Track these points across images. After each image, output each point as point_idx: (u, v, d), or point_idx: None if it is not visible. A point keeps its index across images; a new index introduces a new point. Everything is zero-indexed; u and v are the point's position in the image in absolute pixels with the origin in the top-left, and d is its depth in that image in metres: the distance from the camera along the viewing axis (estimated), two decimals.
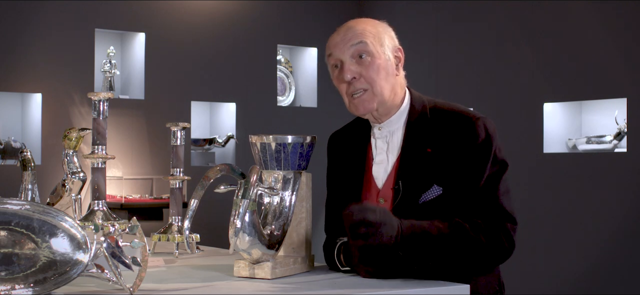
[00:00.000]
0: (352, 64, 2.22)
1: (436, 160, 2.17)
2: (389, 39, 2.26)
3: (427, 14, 5.91)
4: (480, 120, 2.19)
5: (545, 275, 5.20)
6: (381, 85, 2.22)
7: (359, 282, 1.96)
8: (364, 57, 2.22)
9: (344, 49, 2.23)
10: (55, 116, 5.60)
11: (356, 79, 2.22)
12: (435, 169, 2.16)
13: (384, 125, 2.28)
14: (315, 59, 6.70)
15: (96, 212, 2.30)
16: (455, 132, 2.18)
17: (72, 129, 2.70)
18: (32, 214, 1.66)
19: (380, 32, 2.26)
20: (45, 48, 5.61)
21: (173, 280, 1.98)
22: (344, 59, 2.23)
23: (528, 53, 5.45)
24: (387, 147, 2.27)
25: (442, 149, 2.18)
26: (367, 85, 2.22)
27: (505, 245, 2.13)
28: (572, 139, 5.24)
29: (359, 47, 2.22)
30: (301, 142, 2.09)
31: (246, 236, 1.91)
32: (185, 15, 6.11)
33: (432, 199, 2.15)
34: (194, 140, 6.23)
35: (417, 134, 2.23)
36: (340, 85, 2.26)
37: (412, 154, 2.21)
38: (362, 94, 2.22)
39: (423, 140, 2.21)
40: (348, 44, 2.22)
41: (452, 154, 2.17)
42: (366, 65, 2.22)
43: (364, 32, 2.23)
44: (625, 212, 4.89)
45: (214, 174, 1.97)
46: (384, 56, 2.23)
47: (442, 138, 2.19)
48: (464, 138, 2.17)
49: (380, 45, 2.24)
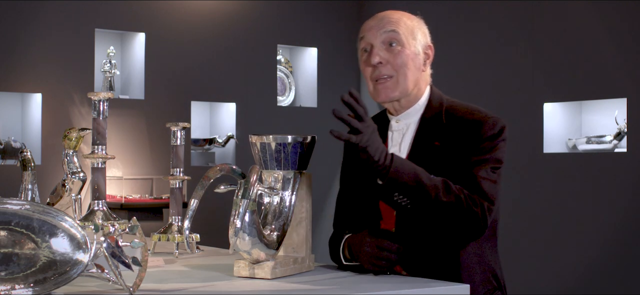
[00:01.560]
0: (381, 50, 2.28)
1: (443, 153, 2.22)
2: (421, 35, 2.33)
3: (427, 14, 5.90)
4: (491, 119, 2.24)
5: (545, 275, 5.20)
6: (406, 75, 2.27)
7: (359, 282, 1.97)
8: (394, 45, 2.27)
9: (377, 34, 2.29)
10: (55, 116, 5.60)
11: (383, 64, 2.27)
12: (439, 160, 2.21)
13: (401, 117, 2.32)
14: (315, 59, 6.70)
15: (96, 212, 2.30)
16: (464, 128, 2.23)
17: (72, 129, 2.70)
18: (32, 214, 1.66)
19: (415, 26, 2.33)
20: (45, 48, 5.61)
21: (173, 280, 1.98)
22: (374, 44, 2.29)
23: (528, 53, 5.45)
24: (401, 139, 2.31)
25: (450, 143, 2.23)
26: (392, 73, 2.27)
27: (479, 215, 2.14)
28: (572, 139, 5.24)
29: (390, 35, 2.28)
30: (301, 142, 2.09)
31: (246, 236, 1.91)
32: (185, 15, 6.11)
33: None
34: (194, 140, 6.23)
35: (430, 129, 2.27)
36: (366, 69, 2.31)
37: (421, 147, 2.26)
38: (386, 81, 2.27)
39: (434, 135, 2.25)
40: (381, 30, 2.29)
41: (458, 148, 2.21)
42: (395, 54, 2.27)
43: (399, 21, 2.30)
44: (625, 212, 4.89)
45: (214, 174, 1.97)
46: (414, 49, 2.29)
47: (452, 134, 2.24)
48: (472, 133, 2.22)
49: (412, 38, 2.30)
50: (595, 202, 5.02)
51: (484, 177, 2.18)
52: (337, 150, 2.49)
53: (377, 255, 2.13)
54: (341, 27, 6.81)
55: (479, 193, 2.16)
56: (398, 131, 2.32)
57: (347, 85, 6.85)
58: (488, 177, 2.19)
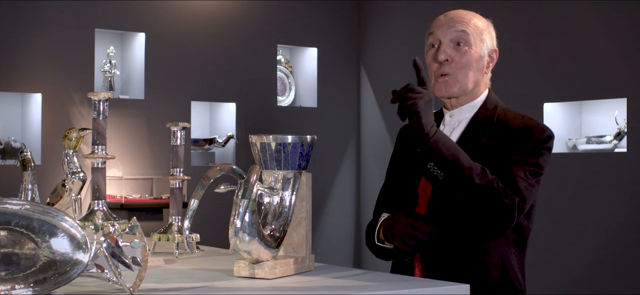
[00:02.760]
0: (448, 47, 2.34)
1: (487, 151, 2.27)
2: (489, 39, 2.40)
3: (427, 14, 5.90)
4: (539, 126, 2.29)
5: (545, 275, 5.20)
6: (467, 75, 2.33)
7: (359, 282, 1.96)
8: (462, 45, 2.33)
9: (447, 31, 2.35)
10: (55, 116, 5.60)
11: (448, 61, 2.33)
12: (483, 157, 2.25)
13: (454, 113, 2.38)
14: (315, 59, 6.70)
15: (96, 212, 2.30)
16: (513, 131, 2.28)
17: (72, 129, 2.70)
18: (32, 214, 1.66)
19: (484, 29, 2.39)
20: (45, 48, 5.61)
21: (173, 280, 1.98)
22: (443, 40, 2.35)
23: (528, 53, 5.45)
24: (451, 133, 2.36)
25: (497, 143, 2.28)
26: (455, 71, 2.33)
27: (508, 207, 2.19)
28: (572, 139, 5.24)
29: (459, 35, 2.34)
30: (301, 142, 2.09)
31: (246, 236, 1.91)
32: (185, 15, 6.11)
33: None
34: (194, 140, 6.23)
35: (480, 127, 2.33)
36: (432, 64, 2.37)
37: (468, 141, 2.31)
38: (447, 78, 2.33)
39: (482, 133, 2.31)
40: (451, 28, 2.34)
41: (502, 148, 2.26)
42: (461, 53, 2.33)
43: (469, 22, 2.36)
44: (625, 212, 4.89)
45: (214, 174, 1.97)
46: (480, 51, 2.35)
47: (500, 135, 2.29)
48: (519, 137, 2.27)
49: (480, 40, 2.36)
50: (595, 202, 5.02)
51: (521, 176, 2.23)
52: (337, 150, 2.51)
53: (409, 233, 2.22)
54: (341, 27, 6.81)
55: (513, 189, 2.21)
56: (449, 125, 2.38)
57: (347, 85, 6.85)
58: (525, 178, 2.24)
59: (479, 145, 2.28)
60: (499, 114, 2.34)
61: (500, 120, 2.33)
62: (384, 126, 6.52)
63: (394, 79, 6.62)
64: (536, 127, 2.28)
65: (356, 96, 6.90)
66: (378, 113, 6.70)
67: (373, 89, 6.79)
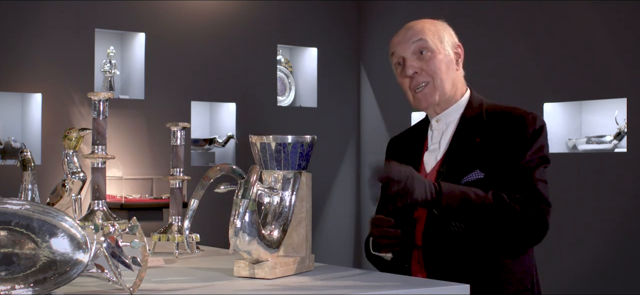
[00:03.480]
0: (413, 60, 2.35)
1: (483, 149, 2.27)
2: (448, 36, 2.40)
3: (427, 14, 5.90)
4: (531, 115, 2.30)
5: (545, 275, 5.19)
6: (442, 78, 2.34)
7: (359, 282, 1.97)
8: (425, 53, 2.34)
9: (405, 46, 2.36)
10: (55, 116, 5.60)
11: (418, 73, 2.34)
12: (480, 156, 2.26)
13: (441, 117, 2.38)
14: (315, 59, 6.70)
15: (96, 212, 2.30)
16: (506, 126, 2.29)
17: (72, 129, 2.70)
18: (32, 214, 1.66)
19: (439, 30, 2.39)
20: (45, 48, 5.61)
21: (173, 280, 1.98)
22: (405, 56, 2.36)
23: (528, 53, 5.45)
24: (441, 137, 2.37)
25: (491, 139, 2.28)
26: (428, 79, 2.33)
27: (539, 221, 2.20)
28: (572, 139, 5.24)
29: (419, 44, 2.35)
30: (301, 142, 2.09)
31: (246, 236, 1.91)
32: (185, 15, 6.11)
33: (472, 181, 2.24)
34: (194, 140, 6.23)
35: (470, 126, 2.33)
36: (403, 81, 2.38)
37: (461, 142, 2.32)
38: (424, 88, 2.34)
39: (474, 132, 2.31)
40: (409, 42, 2.36)
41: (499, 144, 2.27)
42: (427, 60, 2.34)
43: (423, 29, 2.37)
44: (625, 212, 4.89)
45: (214, 174, 1.97)
46: (444, 51, 2.36)
47: (493, 130, 2.29)
48: (514, 129, 2.27)
49: (439, 42, 2.36)
50: (595, 202, 5.02)
51: (539, 178, 2.24)
52: (337, 150, 2.50)
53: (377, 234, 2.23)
54: (341, 27, 6.81)
55: (536, 196, 2.22)
56: (438, 130, 2.38)
57: (347, 85, 6.85)
58: (541, 177, 2.25)
59: (473, 145, 2.29)
60: (487, 110, 2.35)
61: (489, 114, 2.33)
62: (384, 126, 6.53)
63: (394, 79, 6.62)
64: (528, 116, 2.29)
65: (356, 96, 6.90)
66: (378, 113, 6.70)
67: (373, 89, 6.79)
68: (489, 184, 2.23)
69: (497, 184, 2.22)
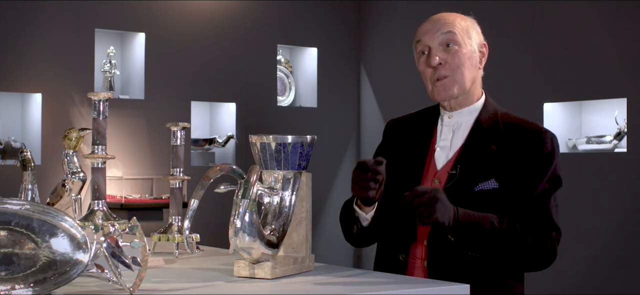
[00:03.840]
0: (439, 51, 2.34)
1: (499, 158, 2.28)
2: (476, 34, 2.40)
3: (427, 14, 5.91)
4: (548, 134, 2.31)
5: (545, 274, 5.19)
6: (464, 73, 2.33)
7: (359, 282, 1.97)
8: (451, 45, 2.34)
9: (434, 36, 2.35)
10: (55, 116, 5.60)
11: (442, 65, 2.33)
12: (496, 165, 2.27)
13: (454, 114, 2.38)
14: (315, 59, 6.70)
15: (96, 212, 2.30)
16: (523, 138, 2.29)
17: (72, 129, 2.70)
18: (32, 214, 1.66)
19: (469, 26, 2.40)
20: (45, 48, 5.61)
21: (173, 280, 1.98)
22: (432, 46, 2.35)
23: (528, 53, 5.45)
24: (452, 135, 2.36)
25: (507, 150, 2.28)
26: (450, 72, 2.33)
27: (549, 252, 2.25)
28: (572, 139, 5.24)
29: (447, 36, 2.34)
30: (301, 142, 2.09)
31: (246, 236, 1.91)
32: (185, 15, 6.11)
33: (486, 190, 2.25)
34: (194, 140, 6.23)
35: (486, 131, 2.33)
36: (426, 70, 2.36)
37: (476, 146, 2.31)
38: (445, 79, 2.33)
39: (490, 139, 2.31)
40: (438, 32, 2.35)
41: (516, 157, 2.27)
42: (452, 54, 2.33)
43: (454, 23, 2.37)
44: (625, 212, 4.89)
45: (214, 174, 1.97)
46: (470, 48, 2.36)
47: (510, 140, 2.30)
48: (531, 146, 2.28)
49: (467, 37, 2.36)
50: (595, 202, 5.02)
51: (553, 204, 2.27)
52: (337, 150, 2.50)
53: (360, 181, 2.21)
54: (341, 27, 6.82)
55: (550, 224, 2.26)
56: (448, 127, 2.37)
57: (347, 85, 6.85)
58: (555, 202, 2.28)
59: (488, 151, 2.29)
60: (502, 118, 2.35)
61: (505, 124, 2.34)
62: (384, 126, 6.52)
63: (393, 79, 6.62)
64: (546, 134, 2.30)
65: (356, 96, 6.90)
66: (378, 113, 6.70)
67: (373, 89, 6.79)
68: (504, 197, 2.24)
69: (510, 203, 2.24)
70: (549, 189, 2.27)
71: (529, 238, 2.21)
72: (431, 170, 2.35)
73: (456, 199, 2.23)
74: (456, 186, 2.27)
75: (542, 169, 2.26)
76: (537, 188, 2.25)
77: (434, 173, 2.34)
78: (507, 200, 2.24)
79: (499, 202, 2.24)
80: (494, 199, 2.24)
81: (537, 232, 2.23)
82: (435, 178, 2.33)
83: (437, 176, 2.32)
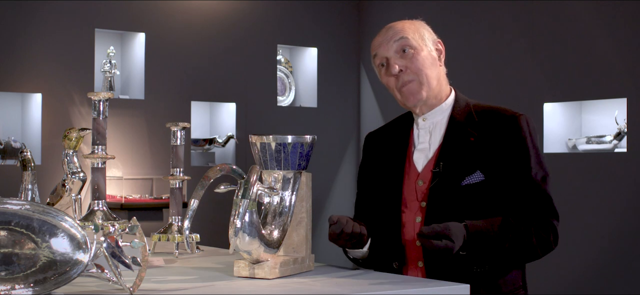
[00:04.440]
0: (396, 59, 2.34)
1: (480, 149, 2.28)
2: (428, 33, 2.40)
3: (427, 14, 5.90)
4: (523, 116, 2.31)
5: (545, 275, 5.20)
6: (427, 74, 2.33)
7: (359, 282, 1.97)
8: (407, 50, 2.34)
9: (388, 46, 2.36)
10: (55, 116, 5.60)
11: (403, 71, 2.33)
12: (478, 156, 2.27)
13: (428, 116, 2.37)
14: (315, 59, 6.70)
15: (96, 212, 2.30)
16: (499, 126, 2.30)
17: (72, 129, 2.70)
18: (32, 214, 1.66)
19: (419, 27, 2.39)
20: (45, 48, 5.61)
21: (173, 280, 1.98)
22: (389, 56, 2.35)
23: (528, 53, 5.45)
24: (429, 137, 2.36)
25: (486, 139, 2.28)
26: (413, 76, 2.33)
27: (552, 244, 2.27)
28: (572, 139, 5.24)
29: (401, 42, 2.34)
30: (301, 142, 2.09)
31: (246, 236, 1.91)
32: (185, 15, 6.11)
33: (474, 184, 2.25)
34: (194, 140, 6.23)
35: (462, 125, 2.33)
36: (389, 80, 2.36)
37: (454, 141, 2.31)
38: (411, 84, 2.33)
39: (466, 131, 2.31)
40: (391, 41, 2.35)
41: (495, 145, 2.27)
42: (410, 58, 2.33)
43: (404, 28, 2.37)
44: (625, 212, 4.89)
45: (214, 174, 1.97)
46: (426, 48, 2.36)
47: (486, 130, 2.30)
48: (508, 131, 2.28)
49: (420, 39, 2.36)
50: (595, 202, 5.02)
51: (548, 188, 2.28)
52: (337, 150, 2.50)
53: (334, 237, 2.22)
54: (341, 27, 6.82)
55: (550, 211, 2.27)
56: (425, 129, 2.37)
57: (347, 85, 6.85)
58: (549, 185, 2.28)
59: (468, 144, 2.28)
60: (475, 109, 2.35)
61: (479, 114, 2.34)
62: None
63: None
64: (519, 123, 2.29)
65: (356, 96, 6.91)
66: (378, 113, 6.70)
67: (373, 89, 6.79)
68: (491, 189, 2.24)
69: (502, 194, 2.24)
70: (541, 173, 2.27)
71: (534, 239, 2.22)
72: (412, 173, 2.33)
73: (444, 196, 2.24)
74: (442, 183, 2.26)
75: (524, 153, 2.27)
76: (529, 173, 2.25)
77: (416, 175, 2.33)
78: (495, 192, 2.24)
79: (487, 194, 2.24)
80: (481, 192, 2.24)
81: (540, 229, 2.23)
82: (419, 179, 2.32)
83: (420, 178, 2.31)
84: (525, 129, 2.28)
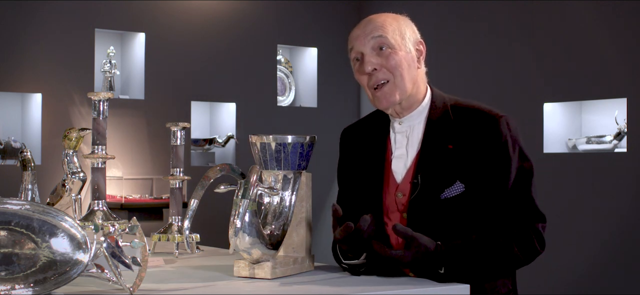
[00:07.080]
0: (372, 56, 2.22)
1: (458, 157, 2.17)
2: (410, 32, 2.28)
3: (427, 14, 5.91)
4: (503, 119, 2.19)
5: (545, 275, 5.20)
6: (402, 76, 2.21)
7: (359, 282, 1.97)
8: (384, 49, 2.22)
9: (365, 41, 2.24)
10: (55, 116, 5.60)
11: (377, 70, 2.21)
12: (457, 165, 2.16)
13: (404, 119, 2.27)
14: (315, 59, 6.70)
15: (96, 212, 2.31)
16: (477, 130, 2.18)
17: (72, 129, 2.70)
18: (32, 214, 1.66)
19: (401, 25, 2.27)
20: (45, 48, 5.61)
21: (173, 280, 1.98)
22: (364, 51, 2.24)
23: (528, 53, 5.45)
24: (407, 141, 2.26)
25: (464, 146, 2.17)
26: (388, 76, 2.21)
27: (538, 248, 2.19)
28: (572, 139, 5.24)
29: (379, 40, 2.23)
30: (301, 142, 2.09)
31: (246, 236, 1.91)
32: (185, 15, 6.11)
33: (453, 196, 2.15)
34: (194, 140, 6.23)
35: (438, 130, 2.22)
36: (362, 78, 2.25)
37: (432, 149, 2.20)
38: (384, 86, 2.21)
39: (444, 137, 2.20)
40: (368, 37, 2.24)
41: (475, 152, 2.16)
42: (386, 57, 2.21)
43: (384, 24, 2.25)
44: (625, 212, 4.89)
45: (214, 174, 1.97)
46: (405, 48, 2.23)
47: (464, 135, 2.19)
48: (487, 136, 2.17)
49: (401, 38, 2.24)
50: (595, 202, 5.02)
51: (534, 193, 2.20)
52: (337, 150, 2.49)
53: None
54: (341, 27, 6.81)
55: (534, 215, 2.18)
56: (401, 133, 2.27)
57: (347, 85, 6.85)
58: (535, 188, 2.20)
59: (445, 151, 2.18)
60: (452, 108, 2.23)
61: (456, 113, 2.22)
62: None
63: None
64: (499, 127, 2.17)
65: (356, 96, 6.90)
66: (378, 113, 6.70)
67: None
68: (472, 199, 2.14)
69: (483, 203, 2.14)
70: (524, 176, 2.18)
71: (514, 248, 2.13)
72: (392, 184, 2.23)
73: (424, 209, 2.15)
74: (421, 196, 2.16)
75: (506, 159, 2.16)
76: (509, 180, 2.16)
77: (395, 187, 2.22)
78: (476, 202, 2.14)
79: (468, 204, 2.14)
80: (462, 202, 2.14)
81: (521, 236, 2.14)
82: (398, 192, 2.21)
83: (399, 190, 2.21)
84: (506, 133, 2.17)
